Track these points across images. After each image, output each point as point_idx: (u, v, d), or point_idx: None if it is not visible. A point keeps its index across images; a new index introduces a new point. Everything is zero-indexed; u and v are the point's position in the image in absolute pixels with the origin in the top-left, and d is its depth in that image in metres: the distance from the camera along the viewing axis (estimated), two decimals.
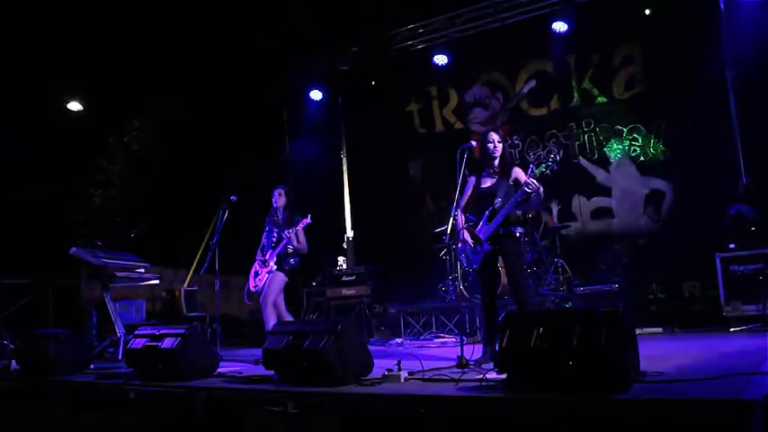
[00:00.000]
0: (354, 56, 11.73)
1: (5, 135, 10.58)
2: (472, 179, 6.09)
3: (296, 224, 7.26)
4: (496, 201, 5.81)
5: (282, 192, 7.50)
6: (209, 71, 11.58)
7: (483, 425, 3.67)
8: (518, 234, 5.86)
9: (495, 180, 5.94)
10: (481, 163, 6.08)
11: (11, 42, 10.58)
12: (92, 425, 5.49)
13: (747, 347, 5.46)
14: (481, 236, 5.83)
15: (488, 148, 5.94)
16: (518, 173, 5.92)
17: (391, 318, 9.99)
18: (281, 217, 7.48)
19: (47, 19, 10.65)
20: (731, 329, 7.22)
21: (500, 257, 5.94)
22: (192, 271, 11.03)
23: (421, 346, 8.15)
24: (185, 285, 10.71)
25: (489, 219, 5.81)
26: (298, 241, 7.33)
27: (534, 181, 5.61)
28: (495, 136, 5.95)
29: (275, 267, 7.30)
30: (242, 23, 11.34)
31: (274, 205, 7.51)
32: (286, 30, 11.58)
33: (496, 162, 5.98)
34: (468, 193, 6.10)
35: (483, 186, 5.99)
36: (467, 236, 5.94)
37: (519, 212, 5.97)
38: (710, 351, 5.62)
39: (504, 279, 6.58)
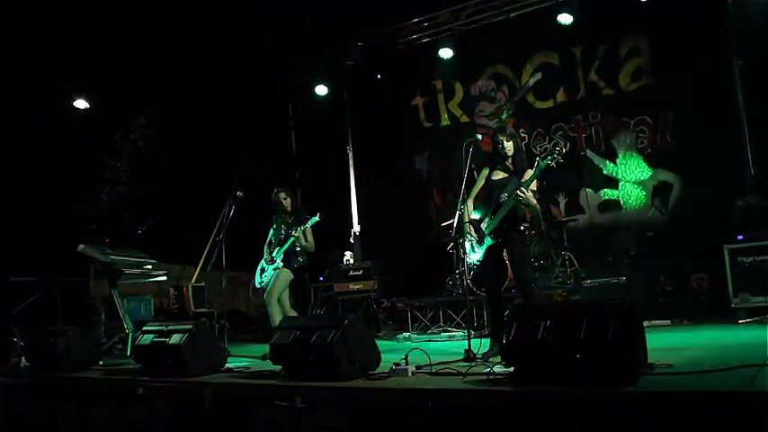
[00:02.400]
0: (359, 50, 11.72)
1: (13, 132, 10.61)
2: (484, 169, 6.05)
3: (304, 222, 7.26)
4: (503, 195, 5.79)
5: (286, 194, 7.49)
6: (214, 67, 11.58)
7: (490, 418, 3.66)
8: (522, 227, 5.85)
9: (507, 175, 5.91)
10: (493, 156, 6.04)
11: (18, 41, 10.60)
12: (101, 420, 5.51)
13: (756, 339, 5.43)
14: (486, 230, 5.82)
15: (498, 149, 5.92)
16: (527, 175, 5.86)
17: (398, 312, 9.99)
18: (288, 215, 7.47)
19: (53, 17, 10.66)
20: (739, 321, 7.18)
21: (506, 251, 5.92)
22: (199, 267, 11.04)
23: (428, 340, 8.15)
24: (192, 281, 10.73)
25: (494, 213, 5.80)
26: (306, 239, 7.31)
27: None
28: (502, 136, 5.92)
29: (282, 264, 7.30)
30: (247, 19, 11.33)
31: (283, 207, 7.49)
32: (291, 25, 11.56)
33: (509, 160, 5.94)
34: (479, 185, 6.06)
35: (494, 178, 5.95)
36: (471, 230, 5.92)
37: (524, 207, 5.93)
38: (719, 343, 5.61)
39: (510, 272, 6.56)
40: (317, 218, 7.27)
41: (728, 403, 3.06)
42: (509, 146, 5.90)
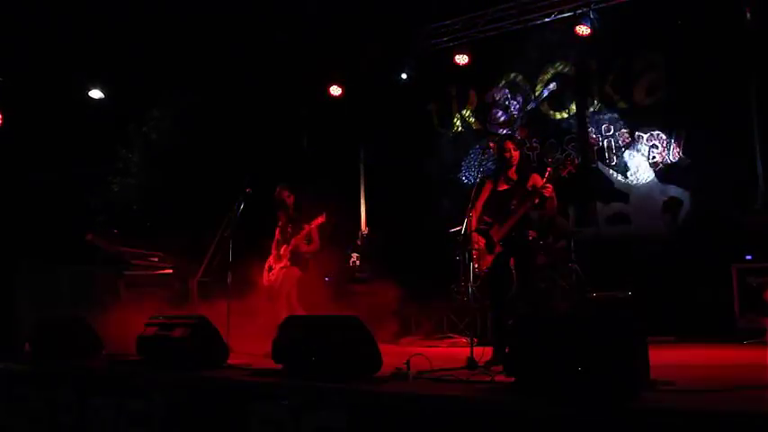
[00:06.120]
0: (374, 54, 11.71)
1: (27, 120, 10.67)
2: (489, 181, 6.08)
3: (310, 221, 7.27)
4: (512, 204, 5.79)
5: (290, 192, 7.51)
6: (228, 63, 11.61)
7: (489, 427, 3.65)
8: (531, 238, 5.84)
9: (511, 185, 5.93)
10: (498, 166, 6.06)
11: (35, 31, 10.67)
12: (101, 410, 5.52)
13: (760, 360, 5.40)
14: (494, 238, 5.82)
15: (505, 157, 5.93)
16: (536, 179, 5.89)
17: (402, 316, 9.97)
18: (293, 212, 7.49)
19: (70, 8, 10.72)
20: (744, 342, 7.14)
21: (512, 260, 5.92)
22: (205, 262, 11.06)
23: (431, 346, 8.14)
24: (199, 276, 10.73)
25: (503, 221, 5.80)
26: (311, 238, 7.33)
27: (550, 186, 5.59)
28: (510, 144, 5.94)
29: (289, 263, 7.31)
30: (262, 19, 11.36)
31: (286, 204, 7.51)
32: (306, 26, 11.58)
33: (513, 169, 5.96)
34: (485, 196, 6.09)
35: (499, 190, 5.98)
36: (479, 239, 5.93)
37: (534, 216, 5.94)
38: (723, 362, 5.58)
39: (515, 282, 6.55)
40: (323, 217, 7.29)
41: (731, 424, 3.04)
42: (516, 155, 5.93)
